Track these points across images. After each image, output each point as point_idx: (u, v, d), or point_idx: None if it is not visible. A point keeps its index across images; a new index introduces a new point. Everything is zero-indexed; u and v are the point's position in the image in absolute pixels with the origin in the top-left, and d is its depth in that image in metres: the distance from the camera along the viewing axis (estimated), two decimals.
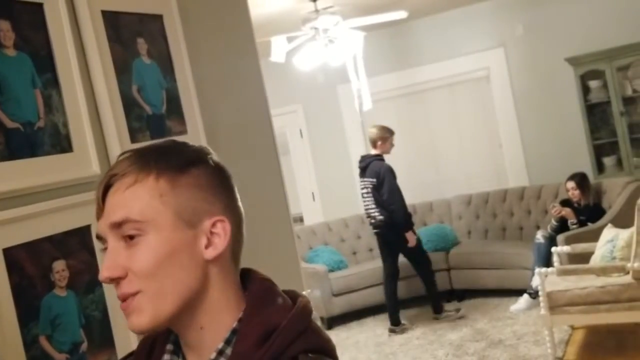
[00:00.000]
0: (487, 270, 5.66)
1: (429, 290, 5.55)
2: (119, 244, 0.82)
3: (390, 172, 5.40)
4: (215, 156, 0.89)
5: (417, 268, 5.55)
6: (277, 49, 4.94)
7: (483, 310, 5.43)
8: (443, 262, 5.98)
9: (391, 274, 5.54)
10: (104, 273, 0.82)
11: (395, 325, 5.43)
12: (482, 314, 5.36)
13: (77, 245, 1.40)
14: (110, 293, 1.44)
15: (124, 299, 0.82)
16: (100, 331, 1.43)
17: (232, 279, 0.87)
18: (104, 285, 1.44)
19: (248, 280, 0.89)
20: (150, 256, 0.81)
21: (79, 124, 1.46)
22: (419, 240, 5.46)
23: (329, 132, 7.34)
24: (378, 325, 5.65)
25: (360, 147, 7.27)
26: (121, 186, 0.82)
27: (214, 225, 0.84)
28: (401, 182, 5.55)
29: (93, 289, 1.42)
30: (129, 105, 1.60)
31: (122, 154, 0.87)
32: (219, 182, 0.86)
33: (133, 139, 1.57)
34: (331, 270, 6.01)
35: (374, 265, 6.15)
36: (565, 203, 5.40)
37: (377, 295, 5.92)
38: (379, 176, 5.39)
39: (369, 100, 5.32)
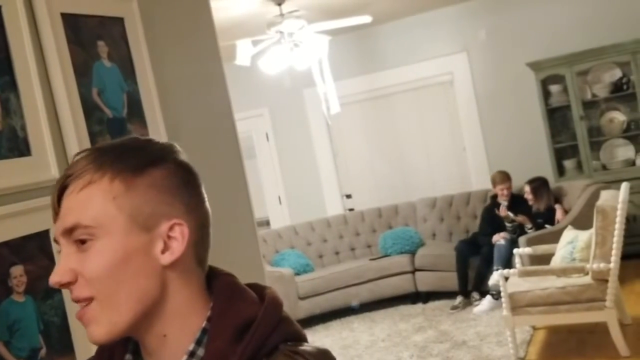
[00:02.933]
0: (451, 273, 5.73)
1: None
2: (72, 248, 0.80)
3: None
4: (181, 154, 0.85)
5: None
6: (242, 52, 4.93)
7: (447, 312, 5.49)
8: (408, 264, 6.03)
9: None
10: (53, 277, 0.80)
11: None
12: (446, 316, 5.42)
13: (35, 250, 1.38)
14: (69, 299, 1.43)
15: (77, 301, 0.80)
16: (59, 337, 1.41)
17: (196, 282, 0.84)
18: (63, 290, 1.42)
19: (210, 277, 0.86)
20: (100, 262, 0.78)
21: (38, 127, 1.44)
22: None
23: (296, 135, 7.35)
24: (344, 328, 5.67)
25: (326, 151, 7.30)
26: (75, 188, 0.80)
27: (171, 229, 0.80)
28: (367, 185, 5.59)
29: (52, 295, 1.41)
30: (89, 109, 1.58)
31: (80, 152, 0.84)
32: (182, 182, 0.82)
33: (93, 143, 1.56)
34: (297, 274, 6.01)
35: (340, 268, 6.18)
36: (517, 200, 5.53)
37: (343, 298, 5.95)
38: None
39: (336, 104, 5.34)
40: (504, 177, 5.65)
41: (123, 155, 0.81)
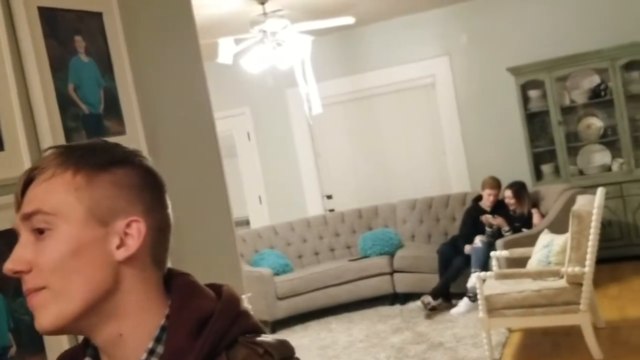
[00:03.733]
0: (429, 275, 5.76)
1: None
2: (29, 238, 0.81)
3: None
4: (147, 160, 0.87)
5: None
6: (225, 50, 4.91)
7: (424, 313, 5.51)
8: (387, 265, 6.06)
9: None
10: (7, 265, 0.80)
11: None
12: (423, 318, 5.44)
13: (5, 247, 1.36)
14: None
15: (28, 293, 0.81)
16: (29, 335, 1.39)
17: (153, 281, 0.85)
18: None
19: (168, 278, 0.88)
20: (56, 251, 0.79)
21: (12, 122, 1.42)
22: None
23: (277, 135, 7.34)
24: (322, 329, 5.68)
25: (308, 151, 7.30)
26: (39, 180, 0.82)
27: (128, 225, 0.82)
28: (348, 186, 5.60)
29: (22, 292, 1.39)
30: (65, 104, 1.56)
31: (48, 149, 0.85)
32: (144, 183, 0.84)
33: (68, 139, 1.54)
34: (276, 274, 6.00)
35: (320, 269, 6.18)
36: (498, 205, 5.58)
37: (321, 298, 5.96)
38: None
39: (318, 104, 5.34)
40: (495, 183, 5.70)
41: (88, 153, 0.84)
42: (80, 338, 0.90)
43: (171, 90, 2.05)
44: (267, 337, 0.83)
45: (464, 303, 5.36)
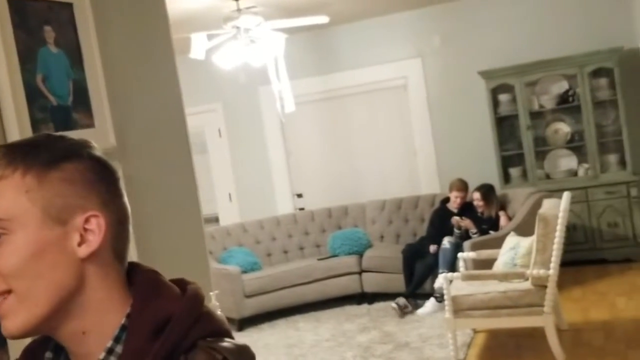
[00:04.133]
0: (397, 275, 5.79)
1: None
2: None
3: None
4: (95, 150, 0.85)
5: None
6: (197, 46, 4.88)
7: (392, 313, 5.54)
8: (355, 265, 6.08)
9: None
10: None
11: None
12: (390, 317, 5.47)
13: None
14: None
15: None
16: None
17: (116, 277, 0.84)
18: None
19: (132, 274, 0.86)
20: (15, 256, 0.77)
21: None
22: None
23: (249, 132, 7.31)
24: (289, 327, 5.67)
25: (279, 149, 7.29)
26: None
27: (87, 221, 0.80)
28: (319, 185, 5.60)
29: None
30: (33, 95, 1.54)
31: None
32: (97, 176, 0.82)
33: (35, 130, 1.52)
34: (245, 272, 5.98)
35: (288, 267, 6.18)
36: (465, 207, 5.65)
37: (289, 297, 5.95)
38: None
39: (291, 102, 5.33)
40: (462, 185, 5.78)
41: (35, 150, 0.81)
42: None
43: (142, 84, 2.03)
44: (227, 342, 0.82)
45: (430, 303, 5.40)
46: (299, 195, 7.32)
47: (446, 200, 5.89)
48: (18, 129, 1.46)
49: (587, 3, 6.18)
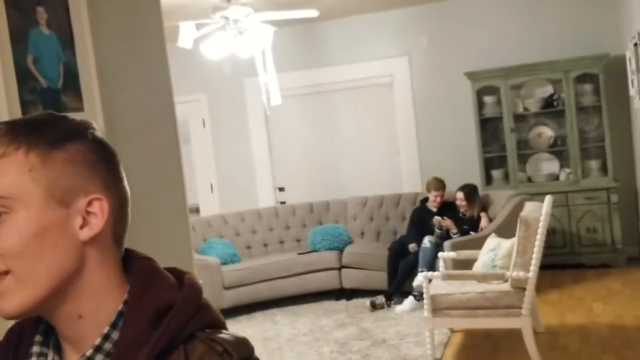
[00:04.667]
0: (376, 272, 5.81)
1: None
2: None
3: None
4: (97, 132, 0.84)
5: None
6: (185, 34, 4.84)
7: (374, 310, 5.56)
8: (335, 260, 6.08)
9: None
10: None
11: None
12: (368, 314, 5.49)
13: None
14: None
15: None
16: None
17: (114, 262, 0.83)
18: None
19: (129, 260, 0.85)
20: (16, 235, 0.76)
21: None
22: None
23: (233, 124, 7.28)
24: (267, 320, 5.67)
25: (263, 142, 7.26)
26: None
27: (90, 204, 0.79)
28: (301, 179, 5.59)
29: None
30: (23, 76, 1.52)
31: None
32: (99, 158, 0.81)
33: (25, 111, 1.50)
34: (224, 263, 5.96)
35: (268, 260, 6.17)
36: (446, 206, 5.70)
37: (267, 290, 5.95)
38: None
39: (278, 95, 5.31)
40: (439, 184, 5.81)
41: (38, 129, 0.79)
42: None
43: (133, 70, 2.00)
44: (226, 335, 0.81)
45: (408, 302, 5.43)
46: (281, 189, 7.31)
47: (426, 199, 5.92)
48: (7, 110, 1.44)
49: (575, 9, 6.23)
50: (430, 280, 4.33)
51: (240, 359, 0.79)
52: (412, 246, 5.63)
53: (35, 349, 0.83)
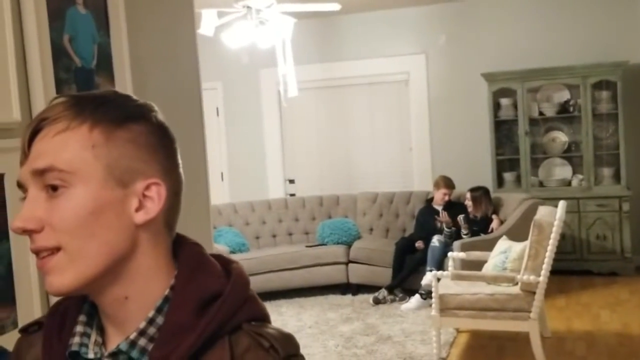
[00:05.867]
0: (383, 268, 5.81)
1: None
2: (40, 194, 0.75)
3: None
4: (160, 115, 0.82)
5: None
6: (207, 22, 4.83)
7: (376, 305, 5.57)
8: (343, 255, 6.09)
9: None
10: (16, 223, 0.75)
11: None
12: (374, 310, 5.50)
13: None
14: (17, 248, 1.37)
15: (37, 252, 0.76)
16: (1, 287, 1.35)
17: (165, 246, 0.81)
18: (12, 239, 1.36)
19: (178, 245, 0.84)
20: (72, 211, 0.74)
21: (4, 68, 1.37)
22: None
23: (246, 114, 7.28)
24: (273, 311, 5.66)
25: (275, 134, 7.26)
26: (50, 131, 0.76)
27: (148, 188, 0.78)
28: (312, 172, 5.59)
29: None
30: (58, 55, 1.52)
31: (56, 97, 0.79)
32: (160, 142, 0.80)
33: (58, 90, 1.50)
34: (232, 252, 5.97)
35: (276, 251, 6.18)
36: (452, 205, 5.72)
37: (275, 281, 5.96)
38: None
39: (294, 87, 5.30)
40: (448, 183, 5.83)
41: (104, 105, 0.78)
42: None
43: (163, 54, 2.01)
44: (273, 329, 0.80)
45: (415, 299, 5.43)
46: (291, 181, 7.31)
47: (431, 199, 5.95)
48: (42, 88, 1.44)
49: (595, 15, 6.20)
50: (439, 280, 4.33)
51: (286, 356, 0.78)
52: (418, 244, 5.65)
53: (79, 328, 0.82)
